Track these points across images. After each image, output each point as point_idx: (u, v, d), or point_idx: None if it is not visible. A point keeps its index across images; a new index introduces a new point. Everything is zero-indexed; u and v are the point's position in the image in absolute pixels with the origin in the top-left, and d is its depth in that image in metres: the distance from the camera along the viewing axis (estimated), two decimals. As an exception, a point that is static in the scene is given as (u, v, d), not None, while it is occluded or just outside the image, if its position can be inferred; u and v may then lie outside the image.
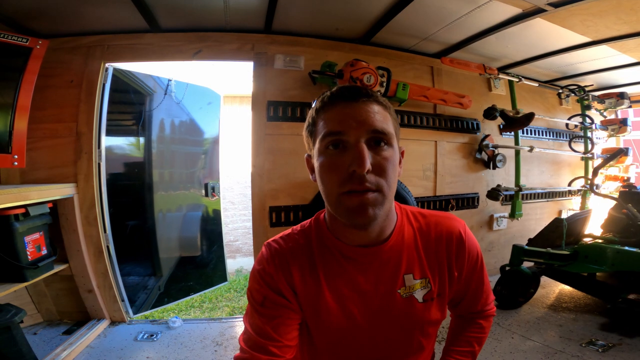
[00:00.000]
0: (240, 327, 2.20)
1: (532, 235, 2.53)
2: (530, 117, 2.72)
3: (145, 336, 2.03)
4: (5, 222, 1.62)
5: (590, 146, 3.44)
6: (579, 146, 3.47)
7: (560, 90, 3.40)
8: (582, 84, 3.33)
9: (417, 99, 2.50)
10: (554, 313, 2.20)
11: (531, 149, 2.95)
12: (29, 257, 1.71)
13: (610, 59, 2.73)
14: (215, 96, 2.98)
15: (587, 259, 2.09)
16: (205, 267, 2.94)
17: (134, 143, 2.57)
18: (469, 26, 2.19)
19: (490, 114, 2.74)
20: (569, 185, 3.35)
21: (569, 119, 3.42)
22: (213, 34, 2.22)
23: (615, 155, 3.06)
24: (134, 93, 2.48)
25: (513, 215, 2.92)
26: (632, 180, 3.55)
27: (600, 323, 2.00)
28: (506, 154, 2.91)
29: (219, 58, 2.30)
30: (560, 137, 3.47)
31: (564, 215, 3.32)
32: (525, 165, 3.04)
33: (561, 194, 3.47)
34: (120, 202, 2.32)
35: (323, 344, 0.68)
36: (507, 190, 2.84)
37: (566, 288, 2.53)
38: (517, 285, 2.31)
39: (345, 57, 2.27)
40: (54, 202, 1.94)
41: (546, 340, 1.86)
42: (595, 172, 2.86)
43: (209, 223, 3.00)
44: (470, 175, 2.90)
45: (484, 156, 2.89)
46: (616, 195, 2.69)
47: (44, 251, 1.82)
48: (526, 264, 2.37)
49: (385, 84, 2.29)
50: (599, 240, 2.33)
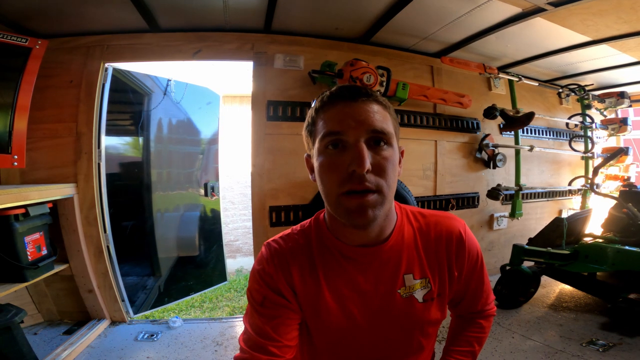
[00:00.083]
0: (240, 327, 2.20)
1: (533, 235, 2.53)
2: (530, 117, 2.72)
3: (145, 336, 2.03)
4: (5, 222, 1.62)
5: (590, 145, 3.44)
6: (579, 145, 3.47)
7: (561, 90, 3.39)
8: (582, 83, 3.33)
9: (417, 98, 2.50)
10: (554, 312, 2.20)
11: (531, 149, 2.94)
12: (29, 257, 1.71)
13: (611, 58, 2.73)
14: (215, 96, 2.98)
15: (588, 259, 2.09)
16: (204, 267, 2.93)
17: (133, 143, 2.57)
18: (469, 25, 2.19)
19: (490, 113, 2.74)
20: (569, 184, 3.35)
21: (569, 119, 3.42)
22: (213, 34, 2.22)
23: (616, 154, 3.06)
24: (132, 93, 2.48)
25: (513, 214, 2.92)
26: (633, 180, 3.55)
27: (600, 322, 1.99)
28: (506, 154, 2.91)
29: (219, 58, 2.30)
30: (560, 137, 3.46)
31: (565, 215, 3.32)
32: (525, 165, 3.03)
33: (561, 194, 3.47)
34: (119, 202, 2.32)
35: (323, 344, 0.68)
36: (507, 189, 2.83)
37: (566, 287, 2.53)
38: (518, 285, 2.31)
39: (345, 57, 2.27)
40: (54, 202, 1.94)
41: (546, 340, 1.86)
42: (596, 172, 2.86)
43: (209, 223, 3.00)
44: (471, 174, 2.90)
45: (484, 155, 2.89)
46: (616, 194, 2.69)
47: (44, 251, 1.82)
48: (526, 264, 2.37)
49: (385, 84, 2.29)
50: (599, 240, 2.33)
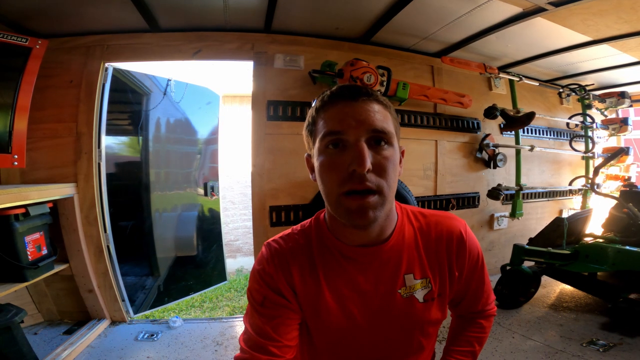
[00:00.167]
0: (240, 327, 2.20)
1: (533, 235, 2.53)
2: (530, 117, 2.71)
3: (145, 336, 2.03)
4: (5, 222, 1.62)
5: (591, 145, 3.44)
6: (580, 145, 3.47)
7: (561, 90, 3.39)
8: (583, 83, 3.33)
9: (418, 98, 2.50)
10: (554, 312, 2.20)
11: (532, 148, 2.94)
12: (29, 257, 1.71)
13: (611, 58, 2.72)
14: (215, 96, 2.98)
15: (588, 259, 2.09)
16: (204, 267, 2.94)
17: (132, 143, 2.57)
18: (469, 25, 2.18)
19: (490, 113, 2.74)
20: (570, 184, 3.34)
21: (570, 118, 3.42)
22: (213, 34, 2.21)
23: (616, 154, 3.05)
24: (132, 93, 2.48)
25: (514, 214, 2.92)
26: (633, 180, 3.55)
27: (601, 322, 1.99)
28: (507, 153, 2.91)
29: (219, 58, 2.30)
30: (561, 137, 3.46)
31: (565, 215, 3.32)
32: (525, 165, 3.03)
33: (562, 194, 3.47)
34: (118, 202, 2.31)
35: (323, 344, 0.68)
36: (508, 189, 2.83)
37: (567, 287, 2.53)
38: (518, 285, 2.31)
39: (345, 57, 2.27)
40: (54, 202, 1.94)
41: (547, 340, 1.86)
42: (596, 172, 2.86)
43: (208, 222, 3.00)
44: (471, 174, 2.89)
45: (485, 155, 2.89)
46: (617, 194, 2.69)
47: (44, 251, 1.82)
48: (527, 264, 2.36)
49: (385, 84, 2.28)
50: (599, 240, 2.32)
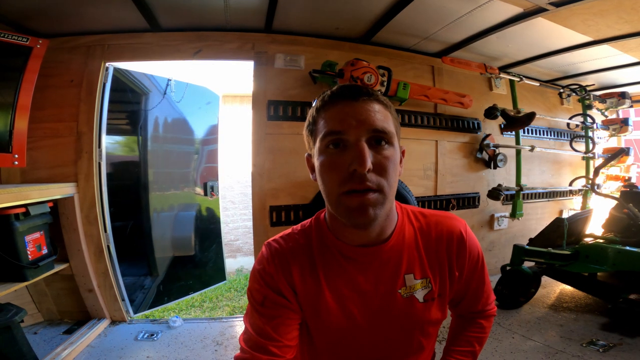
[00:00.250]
0: (240, 327, 2.20)
1: (533, 235, 2.52)
2: (531, 117, 2.71)
3: (145, 336, 2.03)
4: (5, 222, 1.62)
5: (591, 146, 3.43)
6: (580, 146, 3.46)
7: (562, 90, 3.39)
8: (584, 84, 3.32)
9: (418, 98, 2.50)
10: (554, 313, 2.20)
11: (532, 149, 2.94)
12: (29, 257, 1.71)
13: (612, 58, 2.72)
14: (214, 96, 2.99)
15: (588, 259, 2.09)
16: (204, 267, 2.94)
17: (132, 143, 2.57)
18: (470, 25, 2.18)
19: (491, 113, 2.74)
20: (570, 185, 3.34)
21: (570, 119, 3.42)
22: (213, 34, 2.21)
23: (617, 155, 3.05)
24: (132, 93, 2.48)
25: (514, 214, 2.92)
26: (633, 180, 3.54)
27: (601, 323, 1.99)
28: (507, 154, 2.91)
29: (219, 57, 2.30)
30: (561, 137, 3.46)
31: (565, 215, 3.32)
32: (526, 165, 3.03)
33: (562, 194, 3.47)
34: (118, 202, 2.31)
35: (323, 344, 0.68)
36: (508, 189, 2.83)
37: (567, 288, 2.53)
38: (518, 285, 2.31)
39: (346, 57, 2.27)
40: (55, 202, 1.94)
41: (547, 340, 1.86)
42: (597, 172, 2.86)
43: (208, 222, 3.01)
44: (471, 174, 2.89)
45: (485, 156, 2.88)
46: (617, 195, 2.69)
47: (44, 250, 1.82)
48: (527, 264, 2.36)
49: (386, 84, 2.28)
50: (600, 240, 2.32)
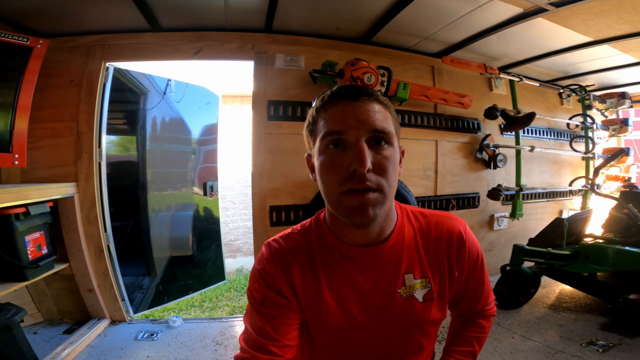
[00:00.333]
0: (240, 327, 2.20)
1: (533, 235, 2.52)
2: (531, 117, 2.71)
3: (145, 335, 2.03)
4: (5, 221, 1.62)
5: (591, 146, 3.43)
6: (580, 146, 3.46)
7: (562, 90, 3.39)
8: (584, 84, 3.32)
9: (418, 98, 2.50)
10: (554, 313, 2.20)
11: (532, 149, 2.94)
12: (29, 257, 1.71)
13: (612, 58, 2.72)
14: (214, 97, 2.99)
15: (588, 259, 2.09)
16: (203, 266, 2.94)
17: (131, 143, 2.56)
18: (470, 26, 2.18)
19: (491, 113, 2.74)
20: (570, 185, 3.34)
21: (570, 119, 3.42)
22: (213, 33, 2.22)
23: (616, 155, 3.06)
24: (131, 92, 2.47)
25: (514, 215, 2.92)
26: (633, 180, 3.54)
27: (600, 323, 1.99)
28: (507, 154, 2.91)
29: (220, 57, 2.30)
30: (561, 137, 3.46)
31: (565, 215, 3.32)
32: (526, 165, 3.03)
33: (562, 194, 3.46)
34: (117, 202, 2.31)
35: (323, 344, 0.68)
36: (508, 190, 2.83)
37: (567, 288, 2.53)
38: (518, 285, 2.31)
39: (346, 57, 2.27)
40: (55, 202, 1.94)
41: (546, 340, 1.86)
42: (596, 172, 2.86)
43: (207, 222, 3.01)
44: (471, 174, 2.89)
45: (485, 156, 2.89)
46: (617, 195, 2.69)
47: (44, 250, 1.82)
48: (527, 264, 2.37)
49: (385, 84, 2.28)
50: (599, 240, 2.32)
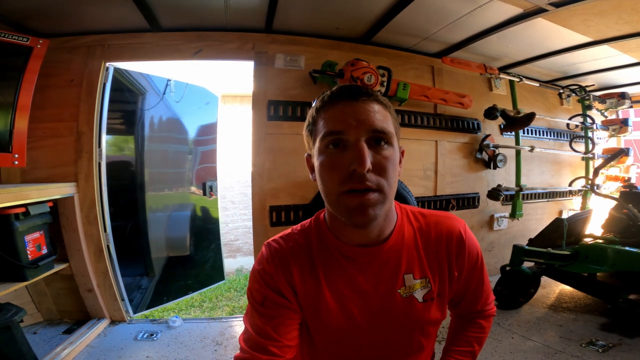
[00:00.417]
0: (240, 327, 2.20)
1: (533, 236, 2.53)
2: (531, 117, 2.71)
3: (145, 335, 2.03)
4: (5, 221, 1.62)
5: (591, 146, 3.44)
6: (580, 146, 3.46)
7: (561, 90, 3.39)
8: (583, 84, 3.32)
9: (418, 98, 2.50)
10: (554, 313, 2.20)
11: (532, 149, 2.94)
12: (29, 256, 1.71)
13: (612, 59, 2.72)
14: (213, 97, 2.99)
15: (588, 259, 2.09)
16: (202, 266, 2.94)
17: (130, 143, 2.56)
18: (470, 26, 2.18)
19: (491, 113, 2.74)
20: (570, 185, 3.34)
21: (570, 119, 3.42)
22: (213, 33, 2.22)
23: (616, 155, 3.06)
24: (130, 93, 2.47)
25: (514, 215, 2.92)
26: (633, 181, 3.54)
27: (600, 323, 1.99)
28: (507, 154, 2.91)
29: (220, 57, 2.30)
30: (561, 137, 3.46)
31: (565, 216, 3.32)
32: (525, 165, 3.03)
33: (562, 194, 3.46)
34: (116, 202, 2.30)
35: (323, 344, 0.68)
36: (508, 190, 2.83)
37: (566, 288, 2.53)
38: (518, 285, 2.31)
39: (346, 57, 2.27)
40: (55, 201, 1.94)
41: (546, 341, 1.86)
42: (596, 172, 2.86)
43: (207, 222, 3.01)
44: (471, 175, 2.89)
45: (485, 156, 2.89)
46: (617, 195, 2.69)
47: (44, 250, 1.82)
48: (527, 264, 2.37)
49: (385, 84, 2.28)
50: (599, 241, 2.32)
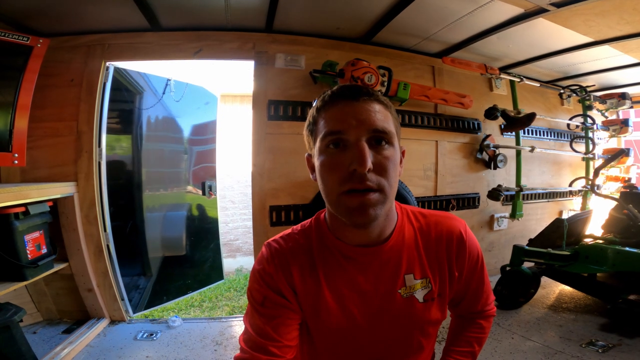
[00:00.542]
0: (240, 327, 2.19)
1: (533, 236, 2.53)
2: (531, 117, 2.71)
3: (144, 335, 2.03)
4: (5, 221, 1.62)
5: (591, 147, 3.44)
6: (580, 146, 3.46)
7: (562, 91, 3.39)
8: (584, 84, 3.32)
9: (418, 98, 2.50)
10: (554, 313, 2.20)
11: (532, 149, 2.94)
12: (28, 256, 1.71)
13: (612, 59, 2.72)
14: (213, 97, 2.99)
15: (588, 260, 2.09)
16: (201, 266, 2.94)
17: (128, 142, 2.55)
18: (471, 26, 2.18)
19: (491, 114, 2.73)
20: (570, 185, 3.34)
21: (570, 119, 3.42)
22: (214, 33, 2.21)
23: (617, 155, 3.06)
24: (129, 92, 2.47)
25: (514, 215, 2.92)
26: (633, 181, 3.54)
27: (600, 323, 1.99)
28: (507, 154, 2.91)
29: (220, 57, 2.30)
30: (561, 138, 3.46)
31: (565, 216, 3.32)
32: (526, 166, 3.03)
33: (562, 195, 3.46)
34: (116, 202, 2.30)
35: (323, 344, 0.68)
36: (508, 190, 2.83)
37: (566, 288, 2.53)
38: (518, 286, 2.31)
39: (346, 57, 2.27)
40: (54, 201, 1.94)
41: (546, 341, 1.86)
42: (596, 173, 2.86)
43: (206, 222, 3.01)
44: (471, 175, 2.89)
45: (485, 156, 2.88)
46: (617, 195, 2.69)
47: (44, 250, 1.82)
48: (527, 264, 2.37)
49: (386, 84, 2.28)
50: (599, 241, 2.32)
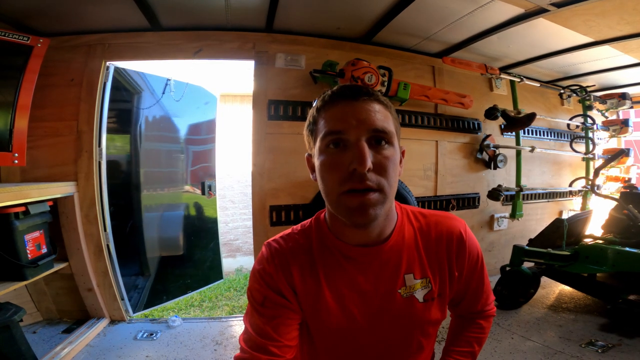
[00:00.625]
0: (240, 326, 2.20)
1: (533, 236, 2.53)
2: (531, 118, 2.71)
3: (144, 335, 2.03)
4: (5, 221, 1.62)
5: (591, 147, 3.44)
6: (580, 147, 3.46)
7: (562, 91, 3.38)
8: (584, 85, 3.32)
9: (418, 98, 2.50)
10: (554, 313, 2.20)
11: (532, 149, 2.94)
12: (28, 256, 1.71)
13: (613, 59, 2.72)
14: (212, 97, 2.99)
15: (588, 260, 2.09)
16: (201, 265, 2.94)
17: (127, 142, 2.55)
18: (471, 26, 2.18)
19: (491, 114, 2.73)
20: (570, 185, 3.34)
21: (571, 120, 3.42)
22: (214, 33, 2.21)
23: (617, 156, 3.06)
24: (128, 92, 2.46)
25: (514, 215, 2.92)
26: (633, 181, 3.55)
27: (600, 324, 1.99)
28: (507, 154, 2.91)
29: (220, 57, 2.29)
30: (561, 138, 3.46)
31: (565, 216, 3.32)
32: (526, 166, 3.03)
33: (562, 195, 3.46)
34: (115, 202, 2.30)
35: (323, 344, 0.68)
36: (508, 190, 2.83)
37: (566, 288, 2.53)
38: (518, 286, 2.31)
39: (347, 57, 2.27)
40: (54, 201, 1.94)
41: (546, 341, 1.86)
42: (597, 173, 2.86)
43: (205, 221, 3.01)
44: (471, 175, 2.89)
45: (485, 156, 2.88)
46: (617, 196, 2.69)
47: (44, 250, 1.82)
48: (526, 264, 2.37)
49: (386, 84, 2.28)
50: (599, 241, 2.32)
